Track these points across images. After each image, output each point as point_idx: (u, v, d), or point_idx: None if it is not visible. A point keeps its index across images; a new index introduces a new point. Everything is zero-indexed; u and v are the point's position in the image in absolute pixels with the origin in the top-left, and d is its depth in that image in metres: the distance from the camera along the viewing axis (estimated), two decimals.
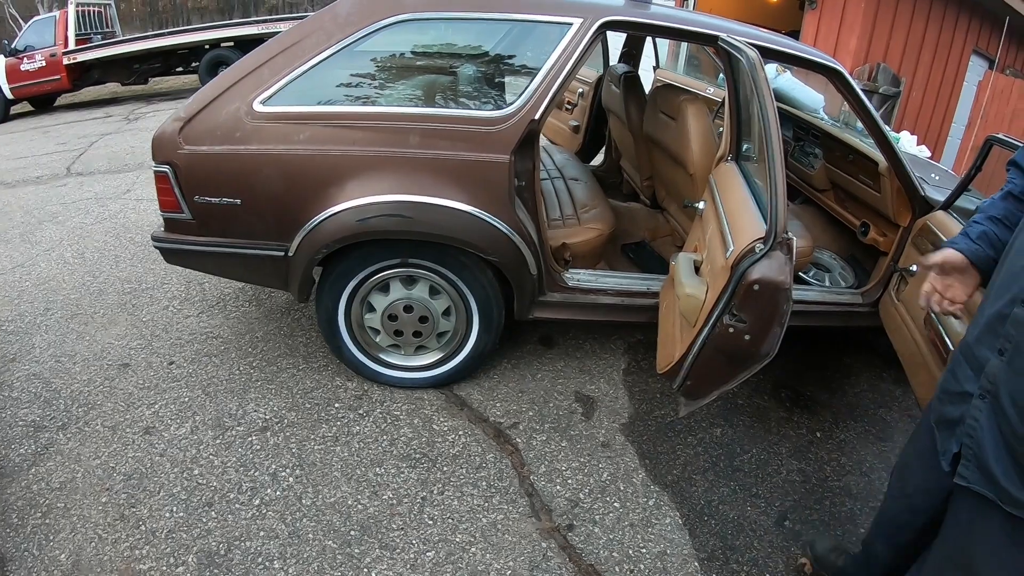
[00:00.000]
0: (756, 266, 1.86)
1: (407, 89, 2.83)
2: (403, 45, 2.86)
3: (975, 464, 1.51)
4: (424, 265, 2.86)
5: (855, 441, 3.34)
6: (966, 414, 1.53)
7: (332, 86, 2.78)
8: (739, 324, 1.93)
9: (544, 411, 3.13)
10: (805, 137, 4.38)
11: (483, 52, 2.98)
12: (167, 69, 13.35)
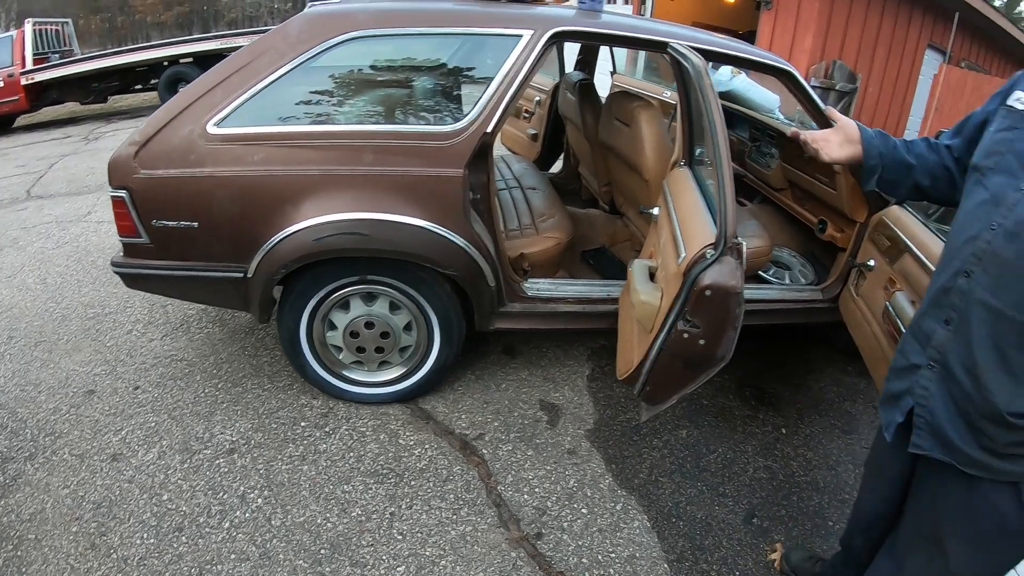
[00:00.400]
0: (707, 272, 1.89)
1: (360, 107, 2.83)
2: (355, 63, 2.86)
3: (928, 431, 1.58)
4: (383, 281, 2.87)
5: (821, 435, 3.38)
6: (915, 384, 1.60)
7: (285, 106, 2.77)
8: (693, 329, 1.96)
9: (509, 421, 3.14)
10: (761, 137, 4.43)
11: (435, 67, 2.98)
12: (126, 87, 13.20)
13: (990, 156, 1.55)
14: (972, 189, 1.58)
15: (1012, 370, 1.42)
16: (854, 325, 3.20)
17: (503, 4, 3.02)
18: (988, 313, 1.44)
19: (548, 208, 3.70)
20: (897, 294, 2.73)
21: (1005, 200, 1.44)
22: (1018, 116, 1.52)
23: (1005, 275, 1.41)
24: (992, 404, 1.44)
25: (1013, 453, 1.46)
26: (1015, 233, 1.40)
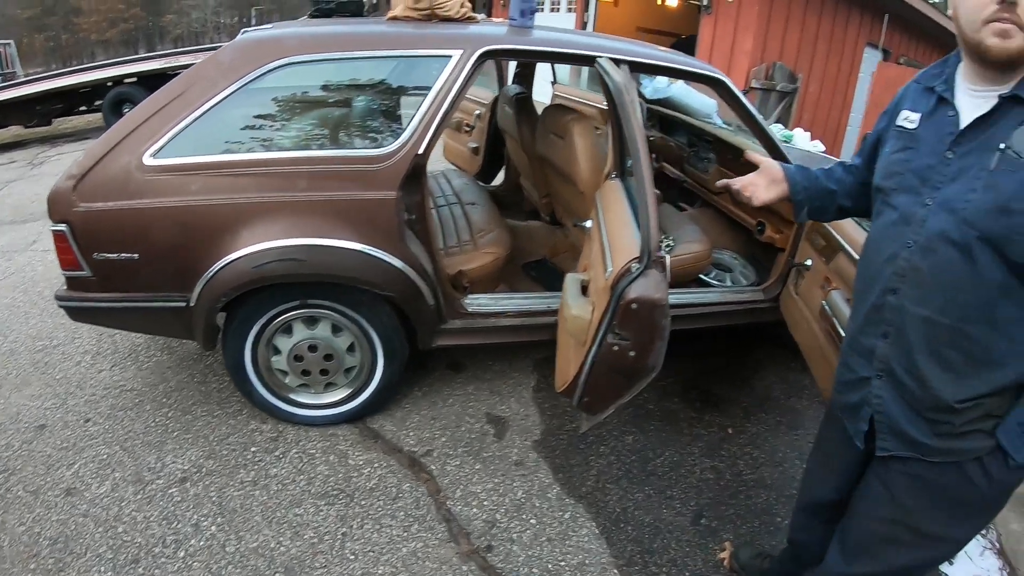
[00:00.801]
0: (633, 286, 1.93)
1: (294, 133, 2.84)
2: (287, 89, 2.87)
3: (891, 434, 1.68)
4: (323, 304, 2.88)
5: (767, 433, 3.45)
6: (869, 395, 1.70)
7: (220, 134, 2.77)
8: (623, 342, 2.00)
9: (456, 436, 3.17)
10: (699, 143, 4.52)
11: (366, 91, 3.00)
12: (70, 109, 12.93)
13: (891, 177, 1.65)
14: (880, 210, 1.69)
15: (950, 367, 1.53)
16: (794, 323, 3.27)
17: (434, 24, 3.04)
18: (920, 322, 1.55)
19: (487, 223, 3.73)
20: (833, 292, 2.80)
21: (914, 218, 1.55)
22: (909, 136, 1.63)
23: (928, 287, 1.52)
24: (939, 399, 1.55)
25: (968, 431, 1.57)
26: (928, 248, 1.51)
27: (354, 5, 3.27)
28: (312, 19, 3.46)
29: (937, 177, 1.52)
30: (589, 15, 13.52)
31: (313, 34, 2.93)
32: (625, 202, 2.36)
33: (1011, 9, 1.36)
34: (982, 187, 1.43)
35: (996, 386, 1.52)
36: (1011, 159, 1.41)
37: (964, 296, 1.48)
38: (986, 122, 1.47)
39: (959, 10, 1.47)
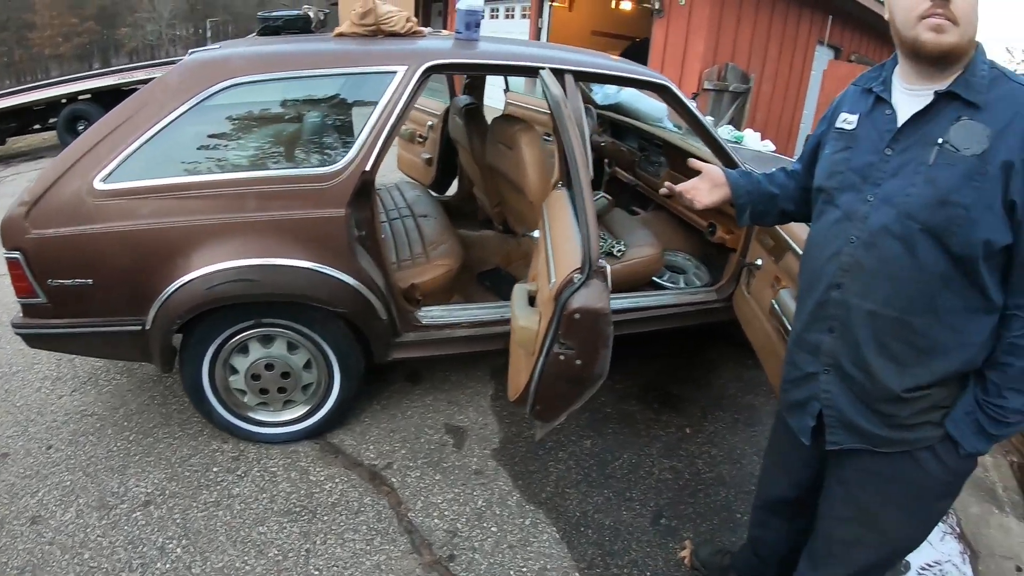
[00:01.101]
0: (575, 296, 1.97)
1: (242, 153, 2.84)
2: (235, 110, 2.87)
3: (840, 427, 1.74)
4: (278, 323, 2.90)
5: (724, 431, 3.51)
6: (817, 390, 1.76)
7: (169, 158, 2.77)
8: (569, 351, 2.03)
9: (416, 447, 3.19)
10: (649, 147, 4.58)
11: (314, 109, 3.02)
12: (24, 127, 12.71)
13: (832, 177, 1.71)
14: (823, 209, 1.74)
15: (895, 357, 1.59)
16: (747, 322, 3.33)
17: (380, 40, 3.06)
18: (865, 315, 1.61)
19: (439, 235, 3.76)
20: (782, 291, 2.86)
21: (857, 214, 1.61)
22: (848, 136, 1.69)
23: (871, 281, 1.59)
24: (887, 389, 1.60)
25: (918, 422, 1.63)
26: (871, 243, 1.57)
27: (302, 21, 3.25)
28: (260, 37, 3.44)
29: (877, 174, 1.58)
30: (543, 21, 13.61)
31: (259, 54, 2.92)
32: (570, 212, 2.40)
33: (944, 5, 1.41)
34: (922, 181, 1.49)
35: (940, 375, 1.58)
36: (949, 153, 1.47)
37: (907, 288, 1.54)
38: (923, 118, 1.53)
39: (895, 10, 1.53)
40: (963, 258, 1.47)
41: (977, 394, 1.58)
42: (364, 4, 3.08)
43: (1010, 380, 1.53)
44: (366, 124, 2.79)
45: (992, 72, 1.51)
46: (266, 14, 3.51)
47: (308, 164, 2.84)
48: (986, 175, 1.42)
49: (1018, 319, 1.51)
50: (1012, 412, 1.55)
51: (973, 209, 1.43)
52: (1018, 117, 1.43)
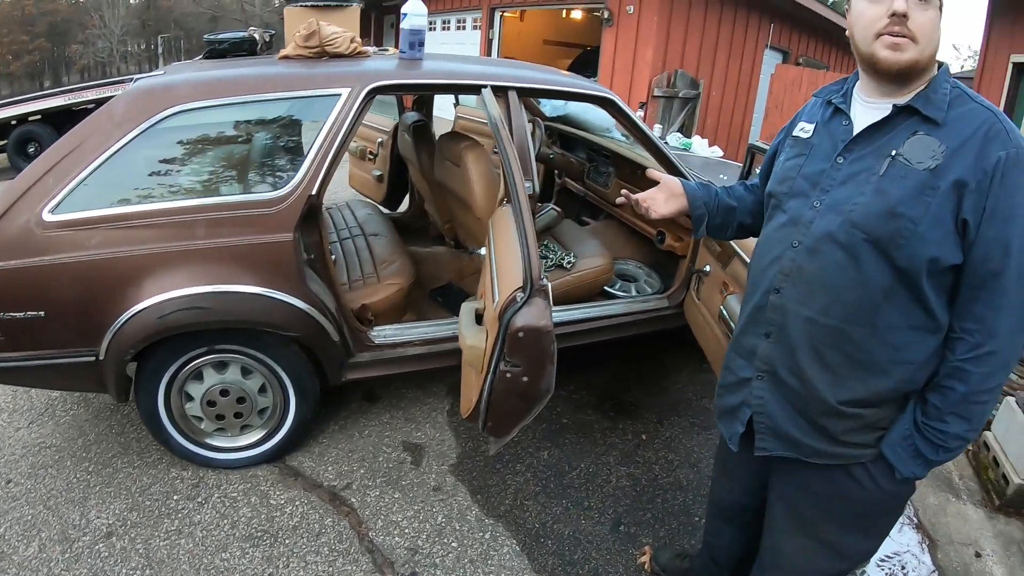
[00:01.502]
0: (518, 315, 1.99)
1: (189, 180, 2.83)
2: (181, 137, 2.85)
3: (770, 434, 1.74)
4: (231, 349, 2.90)
5: (681, 436, 3.56)
6: (749, 396, 1.76)
7: (117, 187, 2.76)
8: (515, 369, 2.06)
9: (375, 466, 3.20)
10: (597, 157, 4.64)
11: (260, 134, 3.03)
12: None
13: (783, 182, 1.72)
14: (772, 214, 1.75)
15: (830, 367, 1.59)
16: (698, 328, 3.39)
17: (324, 62, 3.08)
18: (802, 322, 1.60)
19: (390, 254, 3.78)
20: (729, 297, 2.92)
21: (802, 219, 1.61)
22: (803, 144, 1.70)
23: (811, 287, 1.59)
24: (821, 399, 1.61)
25: (851, 440, 1.63)
26: (814, 249, 1.57)
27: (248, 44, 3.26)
28: (206, 60, 3.44)
29: (827, 181, 1.59)
30: (494, 32, 13.70)
31: (204, 79, 2.92)
32: (514, 229, 2.43)
33: (902, 22, 1.42)
34: (871, 191, 1.49)
35: (876, 392, 1.57)
36: (901, 165, 1.47)
37: (847, 298, 1.53)
38: (880, 130, 1.54)
39: (854, 27, 1.53)
40: (907, 272, 1.46)
41: (917, 417, 1.56)
42: (308, 26, 3.09)
43: (952, 404, 1.51)
44: (311, 148, 2.81)
45: (954, 91, 1.50)
46: (212, 36, 3.51)
47: (255, 190, 2.84)
48: (937, 191, 1.42)
49: (964, 342, 1.49)
50: (952, 437, 1.53)
51: (921, 223, 1.43)
52: (976, 136, 1.43)
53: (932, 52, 1.48)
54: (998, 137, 1.42)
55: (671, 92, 10.01)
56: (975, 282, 1.46)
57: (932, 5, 1.44)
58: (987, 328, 1.46)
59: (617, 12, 10.20)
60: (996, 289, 1.44)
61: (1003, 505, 3.27)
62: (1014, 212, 1.40)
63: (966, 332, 1.49)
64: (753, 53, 11.63)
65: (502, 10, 13.58)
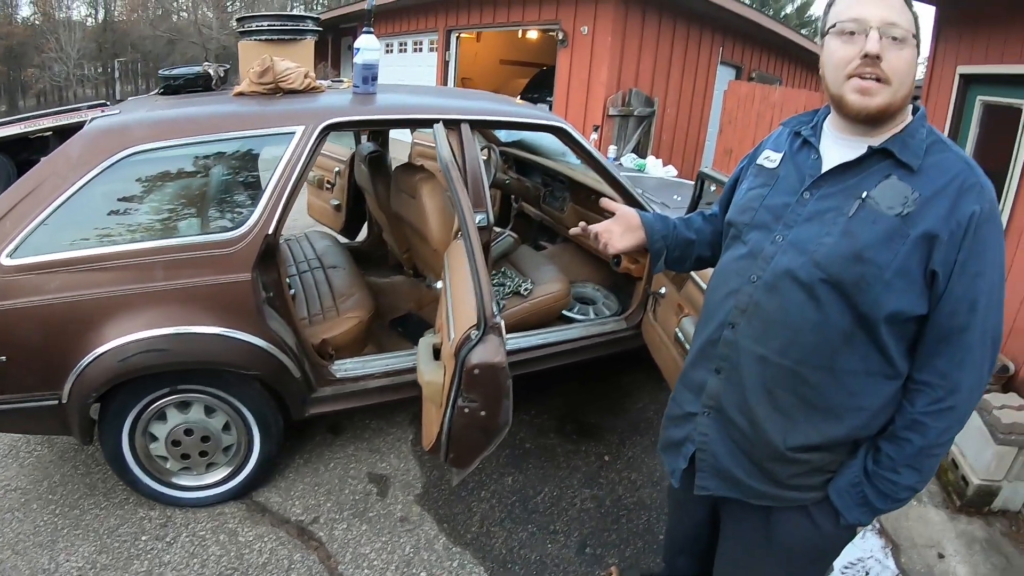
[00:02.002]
0: (473, 353, 2.03)
1: (147, 222, 2.84)
2: (137, 178, 2.86)
3: (712, 472, 1.72)
4: (193, 388, 2.91)
5: (643, 455, 3.62)
6: (693, 431, 1.74)
7: (75, 230, 2.76)
8: (472, 404, 2.10)
9: (341, 499, 3.21)
10: (552, 183, 4.71)
11: (216, 174, 3.04)
12: None
13: (744, 212, 1.67)
14: (730, 244, 1.72)
15: (782, 409, 1.55)
16: (655, 349, 3.45)
17: (279, 99, 3.10)
18: (755, 360, 1.56)
19: (349, 287, 3.81)
20: (684, 320, 2.98)
21: (762, 253, 1.56)
22: (768, 174, 1.66)
23: (768, 325, 1.54)
24: (769, 442, 1.58)
25: (795, 484, 1.62)
26: (773, 285, 1.53)
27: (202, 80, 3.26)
28: (161, 96, 3.44)
29: (791, 216, 1.54)
30: (451, 53, 13.76)
31: (159, 120, 2.93)
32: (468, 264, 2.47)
33: (875, 63, 1.37)
34: (838, 232, 1.45)
35: (828, 438, 1.54)
36: (871, 209, 1.43)
37: (805, 339, 1.49)
38: (851, 170, 1.49)
39: (826, 64, 1.47)
40: (868, 318, 1.43)
41: (868, 465, 1.54)
42: (262, 62, 3.11)
43: (907, 457, 1.49)
44: (267, 187, 2.84)
45: (931, 137, 1.47)
46: (167, 72, 3.51)
47: (212, 230, 2.85)
48: (907, 239, 1.39)
49: (925, 395, 1.47)
50: (903, 488, 1.52)
51: (887, 270, 1.40)
52: (950, 187, 1.40)
53: (906, 94, 1.43)
54: (972, 190, 1.39)
55: (626, 111, 10.14)
56: (939, 335, 1.44)
57: (908, 44, 1.39)
58: (950, 384, 1.44)
59: (571, 33, 10.32)
60: (960, 344, 1.43)
61: (964, 506, 3.38)
62: (983, 269, 1.40)
63: (927, 386, 1.46)
64: (707, 69, 11.81)
65: (458, 32, 13.66)
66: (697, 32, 11.27)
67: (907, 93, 1.43)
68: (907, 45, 1.39)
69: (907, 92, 1.43)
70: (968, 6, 5.23)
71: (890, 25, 1.37)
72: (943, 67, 5.64)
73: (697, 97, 11.76)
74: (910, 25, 1.40)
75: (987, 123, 5.09)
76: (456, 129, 3.16)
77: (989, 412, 3.39)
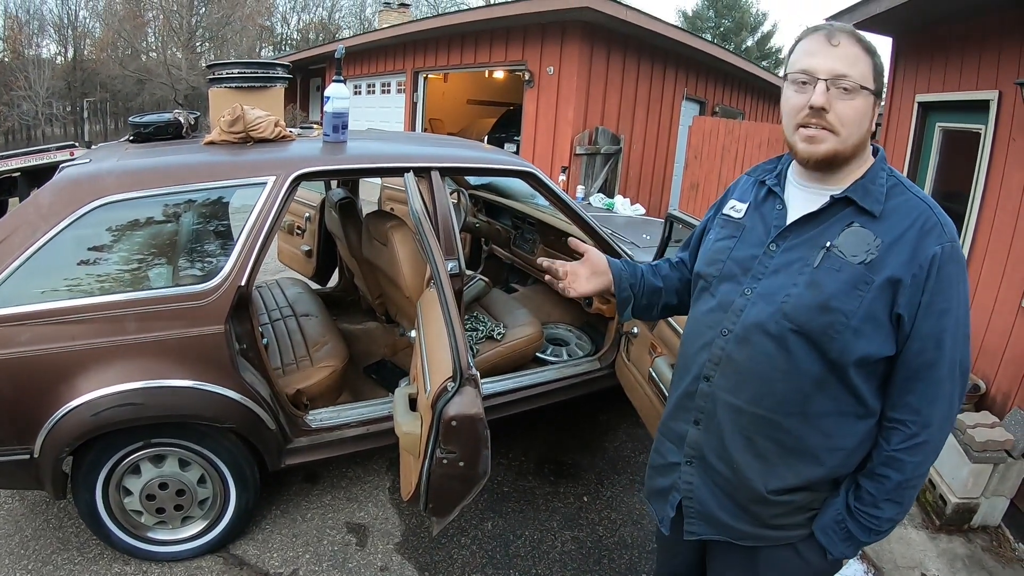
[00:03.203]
0: (450, 405, 2.03)
1: (119, 273, 2.81)
2: (109, 229, 2.84)
3: (699, 518, 1.74)
4: (167, 442, 2.88)
5: (622, 494, 3.63)
6: (678, 480, 1.75)
7: (45, 281, 2.73)
8: (451, 455, 2.10)
9: (319, 550, 3.17)
10: (522, 225, 4.75)
11: (188, 224, 3.03)
12: None
13: (712, 264, 1.69)
14: (699, 296, 1.74)
15: (761, 455, 1.58)
16: (629, 388, 3.47)
17: (249, 148, 3.11)
18: (731, 411, 1.59)
19: (322, 335, 3.81)
20: (658, 359, 3.01)
21: (732, 306, 1.59)
22: (734, 225, 1.69)
23: (741, 376, 1.57)
24: (750, 486, 1.61)
25: (780, 524, 1.64)
26: (744, 338, 1.55)
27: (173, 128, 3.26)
28: (131, 143, 3.44)
29: (759, 268, 1.57)
30: (419, 94, 13.88)
31: (129, 170, 2.91)
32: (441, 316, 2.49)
33: (820, 114, 1.42)
34: (804, 283, 1.48)
35: (807, 479, 1.58)
36: (835, 258, 1.46)
37: (778, 388, 1.52)
38: (815, 219, 1.52)
39: (783, 113, 1.52)
40: (838, 364, 1.47)
41: (850, 501, 1.57)
42: (232, 111, 3.12)
43: (887, 492, 1.52)
44: (239, 238, 2.84)
45: (890, 180, 1.51)
46: (137, 119, 3.51)
47: (184, 282, 2.84)
48: (871, 285, 1.42)
49: (899, 432, 1.50)
50: (885, 521, 1.55)
51: (853, 317, 1.43)
52: (911, 231, 1.44)
53: (857, 141, 1.47)
54: (933, 231, 1.43)
55: (593, 149, 10.27)
56: (908, 373, 1.48)
57: (858, 95, 1.43)
58: (923, 419, 1.48)
59: (538, 73, 10.47)
60: (930, 380, 1.46)
61: (944, 524, 3.44)
62: (948, 306, 1.43)
63: (900, 424, 1.50)
64: (671, 105, 12.02)
65: (425, 73, 13.80)
66: (661, 69, 11.49)
67: (858, 141, 1.48)
68: (857, 95, 1.43)
69: (858, 140, 1.47)
70: (924, 36, 5.38)
71: (839, 77, 1.41)
72: (902, 96, 5.79)
73: (663, 133, 11.96)
74: (863, 76, 1.43)
75: (947, 149, 5.23)
76: (427, 177, 3.18)
77: (963, 431, 3.45)
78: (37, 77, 27.62)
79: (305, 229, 5.26)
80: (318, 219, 5.05)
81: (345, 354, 3.65)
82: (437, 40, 12.82)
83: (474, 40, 11.82)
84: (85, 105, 28.90)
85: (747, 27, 37.60)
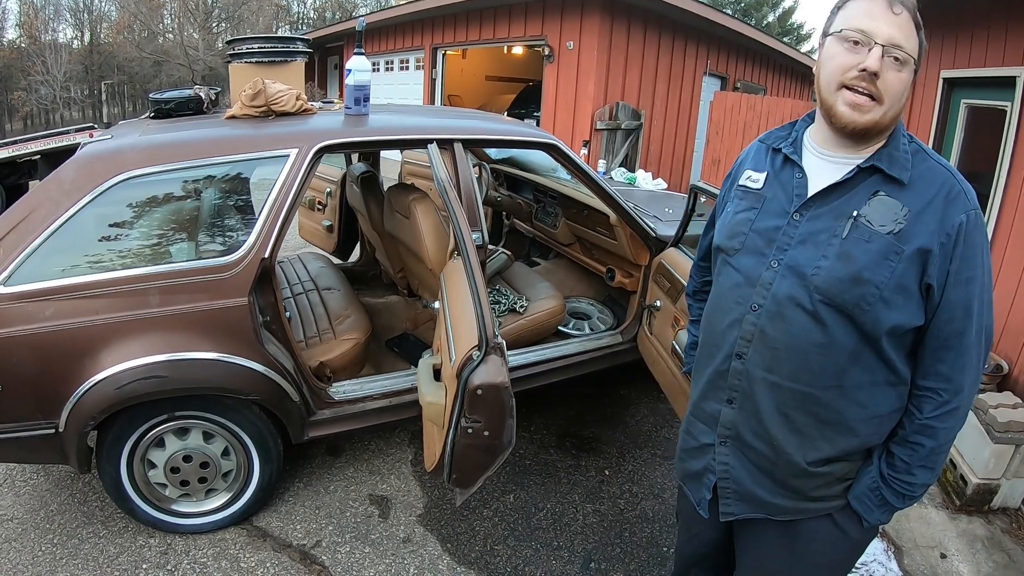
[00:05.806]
0: (475, 373, 2.04)
1: (141, 248, 2.83)
2: (131, 204, 2.85)
3: (736, 498, 1.73)
4: (192, 414, 2.89)
5: (644, 468, 3.62)
6: (712, 462, 1.74)
7: (69, 257, 2.74)
8: (476, 424, 2.10)
9: (343, 522, 3.19)
10: (544, 198, 4.72)
11: (210, 198, 3.04)
12: None
13: (734, 237, 1.65)
14: (722, 270, 1.71)
15: (799, 429, 1.57)
16: (652, 361, 3.46)
17: (271, 122, 3.10)
18: (768, 387, 1.57)
19: (344, 308, 3.81)
20: (680, 333, 2.99)
21: (760, 280, 1.56)
22: (755, 196, 1.65)
23: (776, 353, 1.55)
24: (792, 461, 1.60)
25: (819, 496, 1.64)
26: (777, 313, 1.53)
27: (194, 103, 3.26)
28: (152, 120, 3.44)
29: (784, 239, 1.54)
30: (437, 71, 13.82)
31: (151, 144, 2.92)
32: (466, 284, 2.48)
33: (871, 80, 1.38)
34: (834, 255, 1.46)
35: (844, 450, 1.58)
36: (864, 228, 1.44)
37: (815, 362, 1.51)
38: (840, 188, 1.49)
39: (822, 68, 1.47)
40: (871, 335, 1.46)
41: (883, 469, 1.58)
42: (253, 85, 3.11)
43: (921, 459, 1.53)
44: (262, 211, 2.83)
45: (911, 146, 1.49)
46: (158, 96, 3.50)
47: (207, 255, 2.85)
48: (901, 255, 1.41)
49: (931, 400, 1.50)
50: (919, 487, 1.56)
51: (885, 288, 1.42)
52: (937, 199, 1.42)
53: (896, 114, 1.45)
54: (958, 199, 1.42)
55: (614, 124, 10.19)
56: (938, 343, 1.48)
57: (907, 67, 1.41)
58: (954, 387, 1.49)
59: (557, 48, 10.38)
60: (960, 348, 1.47)
61: (963, 505, 3.41)
62: (974, 274, 1.44)
63: (932, 392, 1.51)
64: (692, 81, 11.89)
65: (444, 49, 13.72)
66: (682, 44, 11.36)
67: (897, 113, 1.46)
68: (906, 68, 1.41)
69: (897, 112, 1.45)
70: (949, 11, 5.28)
71: (895, 46, 1.39)
72: (926, 72, 5.68)
73: (684, 109, 11.84)
74: (914, 50, 1.42)
75: (972, 126, 5.14)
76: (449, 149, 3.16)
77: (985, 412, 3.42)
78: (54, 62, 27.77)
79: (326, 204, 5.26)
80: (339, 194, 5.05)
81: (368, 326, 3.65)
82: (455, 16, 12.71)
83: (492, 15, 11.71)
84: (103, 88, 29.03)
85: (768, 2, 37.13)
